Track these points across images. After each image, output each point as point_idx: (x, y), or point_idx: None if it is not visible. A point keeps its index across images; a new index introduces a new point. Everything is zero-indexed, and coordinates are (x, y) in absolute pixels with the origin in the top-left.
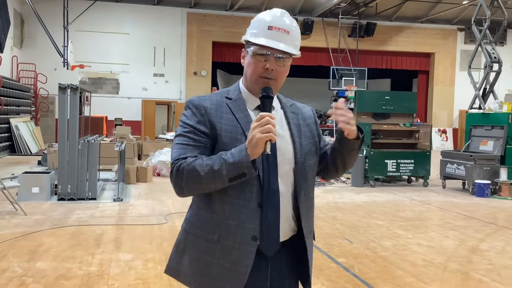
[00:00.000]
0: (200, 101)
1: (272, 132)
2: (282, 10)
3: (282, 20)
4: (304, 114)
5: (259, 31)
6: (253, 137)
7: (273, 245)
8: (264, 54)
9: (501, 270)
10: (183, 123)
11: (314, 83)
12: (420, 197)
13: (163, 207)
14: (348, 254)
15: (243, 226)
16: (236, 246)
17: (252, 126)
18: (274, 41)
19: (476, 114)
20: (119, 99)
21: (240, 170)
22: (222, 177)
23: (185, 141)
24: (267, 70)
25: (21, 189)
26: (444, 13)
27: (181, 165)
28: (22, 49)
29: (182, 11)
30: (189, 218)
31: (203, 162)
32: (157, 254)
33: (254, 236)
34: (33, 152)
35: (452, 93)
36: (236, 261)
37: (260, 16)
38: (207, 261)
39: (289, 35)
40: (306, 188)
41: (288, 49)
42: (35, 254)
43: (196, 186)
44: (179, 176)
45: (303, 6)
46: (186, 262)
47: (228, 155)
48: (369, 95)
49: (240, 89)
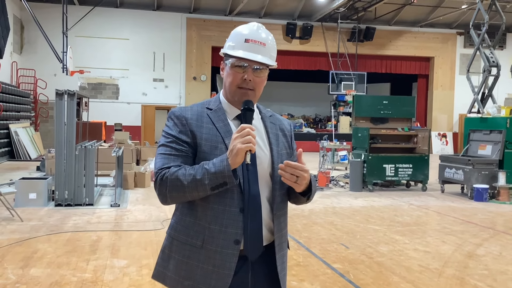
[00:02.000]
0: (182, 112)
1: (252, 143)
2: (258, 24)
3: (258, 33)
4: (282, 126)
5: (237, 43)
6: (234, 147)
7: (257, 249)
8: (242, 66)
9: (497, 275)
10: (165, 134)
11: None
12: (418, 202)
13: (160, 212)
14: (344, 259)
15: (225, 230)
16: (219, 250)
17: (233, 137)
18: (251, 53)
19: (474, 119)
20: (118, 105)
21: (221, 180)
22: (204, 186)
23: (168, 151)
24: (245, 80)
25: (18, 195)
26: (443, 17)
27: (165, 174)
28: (22, 54)
29: (181, 16)
30: (173, 224)
31: (186, 172)
32: (152, 260)
33: (237, 240)
34: (32, 157)
35: (452, 97)
36: (219, 264)
37: (238, 29)
38: (191, 265)
39: (265, 47)
40: (282, 195)
41: (264, 60)
42: (29, 261)
43: (180, 195)
44: (163, 185)
45: (302, 11)
46: (171, 267)
47: (210, 165)
48: (367, 100)
49: (220, 100)
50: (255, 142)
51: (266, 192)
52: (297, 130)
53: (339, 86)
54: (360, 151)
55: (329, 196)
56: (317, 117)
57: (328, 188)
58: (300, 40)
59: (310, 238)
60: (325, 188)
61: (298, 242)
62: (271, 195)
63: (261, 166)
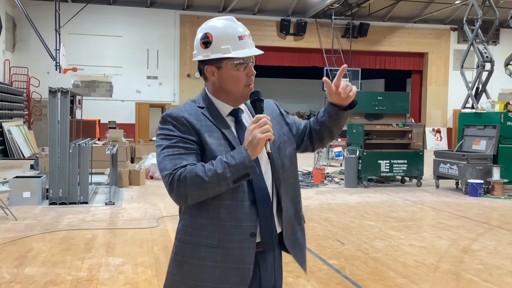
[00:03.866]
0: (178, 112)
1: (270, 132)
2: (230, 16)
3: (240, 26)
4: (269, 109)
5: (232, 44)
6: (254, 137)
7: (273, 239)
8: (244, 63)
9: (492, 270)
10: (166, 136)
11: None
12: (413, 197)
13: (155, 210)
14: (339, 255)
15: (241, 225)
16: (236, 245)
17: (250, 128)
18: (251, 49)
19: (468, 114)
20: (112, 102)
21: (243, 171)
22: (227, 180)
23: (176, 151)
24: (250, 77)
25: (12, 194)
26: (437, 13)
27: (182, 173)
28: (15, 52)
29: (175, 13)
30: (182, 228)
31: (205, 168)
32: (147, 258)
33: (252, 233)
34: (26, 156)
35: (446, 92)
36: (238, 260)
37: (220, 28)
38: (209, 267)
39: (251, 38)
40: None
41: (259, 51)
42: (24, 259)
43: (200, 192)
44: (181, 185)
45: (296, 7)
46: (185, 273)
47: (229, 158)
48: (362, 96)
49: (209, 98)
50: (272, 131)
51: (269, 179)
52: None
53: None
54: (355, 147)
55: (324, 192)
56: (311, 114)
57: (323, 184)
58: (294, 37)
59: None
60: (320, 184)
61: None
62: (273, 182)
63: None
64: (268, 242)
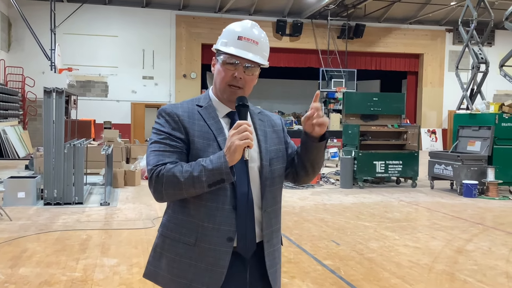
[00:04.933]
0: (173, 108)
1: (249, 139)
2: (252, 22)
3: (251, 31)
4: (272, 121)
5: (229, 40)
6: (232, 144)
7: (250, 246)
8: (233, 63)
9: (486, 270)
10: (157, 131)
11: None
12: (408, 198)
13: (151, 210)
14: (334, 256)
15: (218, 228)
16: (212, 247)
17: (230, 134)
18: (243, 51)
19: (463, 115)
20: (108, 102)
21: (219, 176)
22: (202, 183)
23: (162, 147)
24: (235, 78)
25: (6, 194)
26: (432, 14)
27: (161, 171)
28: (10, 52)
29: (170, 13)
30: (165, 222)
31: (183, 169)
32: (142, 258)
33: (230, 237)
34: (20, 156)
35: (441, 93)
36: (212, 262)
37: (231, 26)
38: (184, 263)
39: (257, 45)
40: (272, 191)
41: (255, 58)
42: (18, 260)
43: (176, 192)
44: (159, 182)
45: (292, 8)
46: (163, 265)
47: (207, 162)
48: (357, 97)
49: (210, 97)
50: (252, 138)
51: (255, 188)
52: (288, 128)
53: (329, 83)
54: (350, 148)
55: (320, 193)
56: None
57: (318, 185)
58: (290, 37)
59: (301, 235)
60: (315, 185)
61: (289, 239)
62: (260, 192)
63: (251, 164)
64: (243, 248)
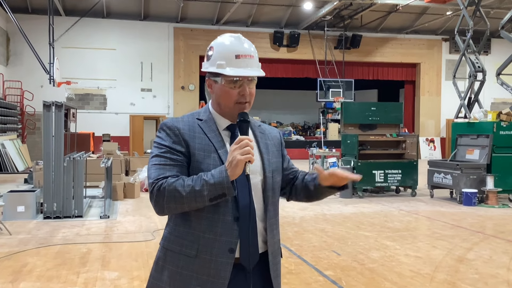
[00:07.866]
0: (173, 122)
1: (251, 154)
2: (239, 35)
3: (244, 46)
4: (271, 135)
5: (228, 61)
6: (234, 158)
7: (252, 258)
8: (237, 81)
9: (487, 279)
10: (158, 144)
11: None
12: (408, 207)
13: (150, 223)
14: (335, 266)
15: (219, 239)
16: (213, 259)
17: (231, 148)
18: (245, 69)
19: (461, 123)
20: (106, 115)
21: (220, 191)
22: (203, 197)
23: (163, 161)
24: (243, 96)
25: (6, 208)
26: (428, 23)
27: (162, 185)
28: (8, 66)
29: (168, 26)
30: (167, 235)
31: (184, 183)
32: (143, 271)
33: (231, 248)
34: (19, 170)
35: (438, 102)
36: (214, 273)
37: (222, 45)
38: (186, 276)
39: (253, 59)
40: (274, 203)
41: (257, 72)
42: (19, 275)
43: (177, 206)
44: (160, 195)
45: (289, 19)
46: (166, 278)
47: (208, 176)
48: (356, 107)
49: (210, 111)
50: (253, 153)
51: (257, 200)
52: (286, 138)
53: (327, 93)
54: (349, 157)
55: (320, 203)
56: (306, 125)
57: None
58: (288, 48)
59: (301, 245)
60: None
61: (289, 250)
62: (263, 204)
63: (253, 174)
64: (246, 260)
